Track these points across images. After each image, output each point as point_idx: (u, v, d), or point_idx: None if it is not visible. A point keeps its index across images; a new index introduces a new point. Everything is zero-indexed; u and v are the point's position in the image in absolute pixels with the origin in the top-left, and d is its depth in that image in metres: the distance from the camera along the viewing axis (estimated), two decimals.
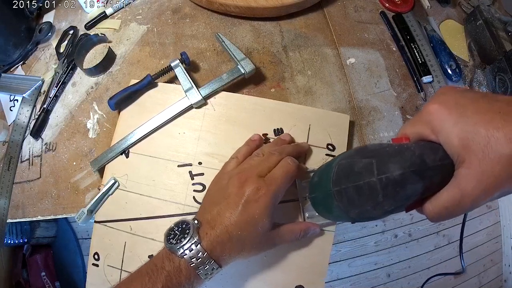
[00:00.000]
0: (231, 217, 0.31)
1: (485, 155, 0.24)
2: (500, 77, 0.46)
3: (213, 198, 0.35)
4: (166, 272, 0.30)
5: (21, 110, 0.50)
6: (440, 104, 0.27)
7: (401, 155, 0.27)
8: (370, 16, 0.54)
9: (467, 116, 0.25)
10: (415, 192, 0.27)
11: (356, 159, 0.29)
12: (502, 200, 1.41)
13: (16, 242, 1.06)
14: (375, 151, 0.29)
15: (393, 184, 0.27)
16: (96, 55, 0.52)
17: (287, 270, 0.38)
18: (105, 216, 0.42)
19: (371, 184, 0.27)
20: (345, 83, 0.48)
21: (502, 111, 0.24)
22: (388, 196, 0.27)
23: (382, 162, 0.27)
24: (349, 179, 0.29)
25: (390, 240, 1.30)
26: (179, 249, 0.30)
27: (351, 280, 1.26)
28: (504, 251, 1.37)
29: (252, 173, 0.33)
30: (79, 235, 1.22)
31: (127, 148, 0.42)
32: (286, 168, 0.34)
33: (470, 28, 0.53)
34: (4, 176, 0.47)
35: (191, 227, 0.31)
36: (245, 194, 0.32)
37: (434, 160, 0.27)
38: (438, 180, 0.27)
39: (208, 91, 0.43)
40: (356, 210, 0.29)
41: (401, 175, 0.26)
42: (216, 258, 0.31)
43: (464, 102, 0.26)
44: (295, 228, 0.36)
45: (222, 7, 0.50)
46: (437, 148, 0.27)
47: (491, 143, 0.23)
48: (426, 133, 0.28)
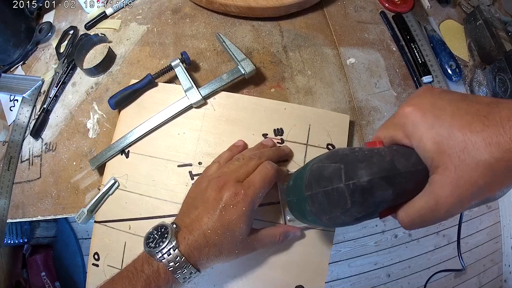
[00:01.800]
0: (208, 222, 0.31)
1: (461, 161, 0.22)
2: (500, 77, 0.46)
3: (192, 201, 0.35)
4: (145, 275, 0.30)
5: (21, 110, 0.50)
6: (414, 107, 0.26)
7: (369, 161, 0.26)
8: (370, 16, 0.54)
9: (443, 119, 0.24)
10: (385, 199, 0.26)
11: (326, 163, 0.28)
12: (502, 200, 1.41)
13: (16, 242, 1.06)
14: (344, 156, 0.28)
15: (361, 190, 0.26)
16: (96, 55, 0.52)
17: (287, 270, 0.38)
18: (105, 216, 0.42)
19: (339, 190, 0.26)
20: (345, 83, 0.48)
21: (482, 114, 0.23)
22: (356, 203, 0.26)
23: (350, 168, 0.26)
24: (319, 184, 0.28)
25: (390, 240, 1.30)
26: (157, 253, 0.30)
27: (351, 280, 1.26)
28: (504, 251, 1.37)
29: (231, 178, 0.33)
30: (79, 235, 1.22)
31: (126, 146, 0.42)
32: (264, 173, 0.34)
33: (470, 28, 0.53)
34: (4, 176, 0.47)
35: (170, 231, 0.31)
36: (223, 199, 0.31)
37: (406, 166, 0.26)
38: (411, 187, 0.26)
39: (208, 91, 0.43)
40: (327, 215, 0.28)
41: (369, 181, 0.25)
42: (194, 262, 0.31)
43: (441, 104, 0.25)
44: (274, 232, 0.36)
45: (222, 7, 0.50)
46: (410, 153, 0.26)
47: (468, 148, 0.22)
48: (399, 137, 0.27)
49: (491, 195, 0.23)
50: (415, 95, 0.27)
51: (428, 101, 0.26)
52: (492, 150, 0.21)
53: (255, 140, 0.42)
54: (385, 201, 0.26)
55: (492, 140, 0.21)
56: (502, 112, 0.22)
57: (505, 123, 0.21)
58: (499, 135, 0.21)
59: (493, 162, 0.21)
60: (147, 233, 0.32)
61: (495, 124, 0.22)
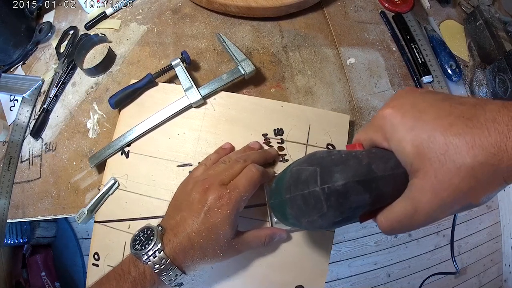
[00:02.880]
0: (193, 224, 0.31)
1: (442, 165, 0.21)
2: (500, 77, 0.46)
3: (178, 203, 0.34)
4: (132, 277, 0.30)
5: (21, 110, 0.50)
6: (393, 108, 0.25)
7: (345, 164, 0.26)
8: (370, 16, 0.54)
9: (423, 121, 0.23)
10: (362, 204, 0.25)
11: (304, 166, 0.28)
12: (502, 200, 1.41)
13: (16, 242, 1.06)
14: (320, 159, 0.27)
15: (336, 194, 0.25)
16: (96, 55, 0.52)
17: (287, 270, 0.38)
18: (105, 216, 0.42)
19: (315, 193, 0.26)
20: (345, 83, 0.48)
21: (466, 116, 0.21)
22: (332, 207, 0.26)
23: (325, 171, 0.26)
24: (297, 187, 0.28)
25: (390, 240, 1.30)
26: (143, 255, 0.30)
27: (351, 280, 1.26)
28: (504, 251, 1.37)
29: (216, 180, 0.33)
30: (79, 235, 1.22)
31: (125, 145, 0.42)
32: (249, 176, 0.34)
33: (470, 28, 0.53)
34: (4, 176, 0.47)
35: (155, 233, 0.31)
36: (207, 201, 0.31)
37: (384, 170, 0.25)
38: (389, 191, 0.25)
39: (207, 90, 0.43)
40: (306, 219, 0.28)
41: (343, 185, 0.25)
42: (179, 264, 0.31)
43: (422, 105, 0.24)
44: (260, 234, 0.36)
45: (222, 7, 0.50)
46: (388, 156, 0.25)
47: (450, 151, 0.21)
48: (378, 139, 0.26)
49: (475, 200, 0.22)
50: (395, 96, 0.27)
51: (409, 103, 0.25)
52: (475, 153, 0.20)
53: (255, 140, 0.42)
54: (362, 205, 0.25)
55: (475, 143, 0.20)
56: (487, 114, 0.21)
57: (490, 125, 0.20)
58: (483, 138, 0.20)
59: (476, 166, 0.20)
60: (133, 235, 0.32)
61: (479, 126, 0.20)
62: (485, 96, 0.49)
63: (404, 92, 0.26)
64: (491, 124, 0.20)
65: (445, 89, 0.48)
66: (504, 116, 0.20)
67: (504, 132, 0.20)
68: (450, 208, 0.22)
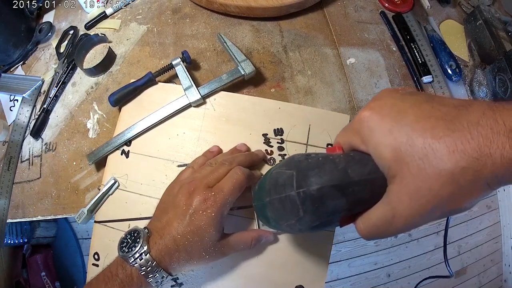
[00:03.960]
0: (178, 227, 0.31)
1: (421, 170, 0.20)
2: (500, 77, 0.46)
3: (164, 206, 0.35)
4: (119, 279, 0.30)
5: (21, 110, 0.50)
6: (372, 111, 0.24)
7: (321, 168, 0.25)
8: (370, 16, 0.54)
9: (402, 123, 0.22)
10: (339, 208, 0.25)
11: (282, 170, 0.28)
12: (502, 200, 1.41)
13: (16, 242, 1.06)
14: (297, 163, 0.27)
15: (311, 199, 0.25)
16: (96, 55, 0.52)
17: (287, 270, 0.38)
18: (105, 216, 0.42)
19: (291, 198, 0.25)
20: (345, 83, 0.48)
21: (448, 118, 0.20)
22: (308, 212, 0.25)
23: (301, 175, 0.25)
24: (276, 191, 0.27)
25: (390, 240, 1.30)
26: (130, 257, 0.30)
27: (351, 280, 1.26)
28: (504, 251, 1.37)
29: (201, 183, 0.33)
30: (79, 235, 1.22)
31: (123, 143, 0.42)
32: (234, 178, 0.33)
33: (470, 28, 0.53)
34: (4, 176, 0.47)
35: (141, 236, 0.31)
36: (193, 204, 0.31)
37: (360, 174, 0.24)
38: (366, 196, 0.24)
39: (207, 90, 0.43)
40: (285, 222, 0.28)
41: (318, 190, 0.24)
42: (165, 267, 0.31)
43: (402, 107, 0.23)
44: (246, 236, 0.36)
45: (222, 7, 0.50)
46: (366, 160, 0.25)
47: (429, 155, 0.20)
48: (356, 143, 0.25)
49: (457, 207, 0.21)
50: (375, 97, 0.26)
51: (389, 104, 0.24)
52: (456, 158, 0.19)
53: (255, 140, 0.42)
54: (339, 210, 0.25)
55: (456, 147, 0.19)
56: (471, 116, 0.20)
57: (473, 128, 0.19)
58: (465, 142, 0.19)
59: (457, 171, 0.19)
60: (121, 237, 0.33)
61: (461, 129, 0.19)
62: (485, 96, 0.49)
63: (384, 94, 0.25)
64: (474, 127, 0.19)
65: (445, 89, 0.48)
66: (489, 119, 0.19)
67: (488, 136, 0.19)
68: (430, 214, 0.21)
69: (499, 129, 0.18)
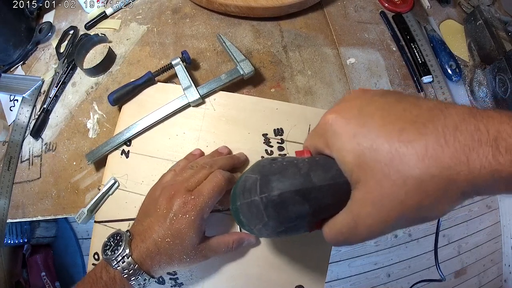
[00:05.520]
0: (159, 230, 0.31)
1: (385, 176, 0.19)
2: (500, 77, 0.46)
3: (146, 209, 0.35)
4: (103, 282, 0.30)
5: (21, 110, 0.50)
6: (338, 113, 0.23)
7: (283, 173, 0.25)
8: (370, 16, 0.54)
9: (368, 126, 0.20)
10: (302, 214, 0.24)
11: (249, 174, 0.27)
12: (502, 200, 1.41)
13: (16, 242, 1.06)
14: (262, 167, 0.27)
15: (273, 204, 0.24)
16: (96, 55, 0.52)
17: (287, 270, 0.38)
18: (105, 216, 0.42)
19: (256, 203, 0.25)
20: (345, 83, 0.48)
21: (420, 120, 0.19)
22: (271, 217, 0.25)
23: (264, 180, 0.25)
24: (244, 195, 0.27)
25: (390, 240, 1.30)
26: (113, 260, 0.30)
27: (351, 280, 1.26)
28: (504, 251, 1.37)
29: (182, 187, 0.33)
30: (79, 235, 1.22)
31: (122, 142, 0.42)
32: (214, 182, 0.33)
33: (470, 28, 0.53)
34: (4, 176, 0.47)
35: (124, 239, 0.31)
36: (173, 208, 0.32)
37: (323, 179, 0.23)
38: (330, 201, 0.24)
39: (206, 90, 0.43)
40: (253, 227, 0.27)
41: (279, 195, 0.24)
42: (147, 269, 0.31)
43: (370, 109, 0.21)
44: (227, 239, 0.36)
45: (222, 7, 0.50)
46: (330, 165, 0.24)
47: (395, 161, 0.18)
48: (321, 146, 0.24)
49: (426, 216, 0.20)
50: (343, 99, 0.24)
51: (355, 107, 0.22)
52: (426, 164, 0.18)
53: (255, 140, 0.42)
54: (303, 215, 0.24)
55: (427, 152, 0.18)
56: (448, 120, 0.18)
57: (448, 133, 0.18)
58: (438, 147, 0.17)
59: (426, 179, 0.18)
60: (104, 241, 0.33)
61: (434, 134, 0.18)
62: (485, 96, 0.49)
63: (353, 95, 0.24)
64: (450, 132, 0.18)
65: (445, 89, 0.48)
66: (470, 125, 0.17)
67: (467, 143, 0.17)
68: (396, 223, 0.20)
69: (481, 137, 0.17)
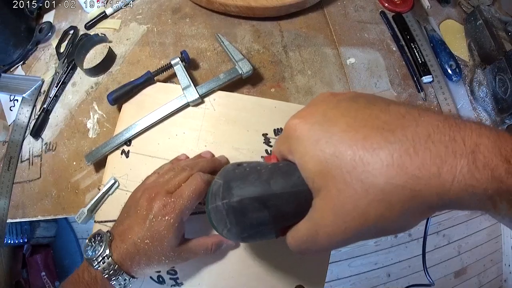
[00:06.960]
0: (139, 231, 0.31)
1: (347, 185, 0.18)
2: (500, 77, 0.46)
3: (127, 210, 0.35)
4: (85, 282, 0.31)
5: (21, 110, 0.50)
6: (301, 119, 0.22)
7: (244, 179, 0.24)
8: (370, 16, 0.54)
9: (332, 132, 0.19)
10: (263, 221, 0.24)
11: (216, 179, 0.28)
12: None
13: (16, 242, 1.06)
14: (226, 173, 0.27)
15: (233, 211, 0.24)
16: (96, 55, 0.52)
17: (287, 270, 0.38)
18: (105, 216, 0.42)
19: (219, 208, 0.25)
20: (345, 83, 0.48)
21: (388, 127, 0.18)
22: (233, 223, 0.25)
23: (226, 186, 0.25)
24: (211, 200, 0.27)
25: (390, 240, 1.30)
26: (94, 261, 0.31)
27: (351, 280, 1.26)
28: (504, 251, 1.37)
29: (162, 189, 0.33)
30: (79, 235, 1.22)
31: (122, 143, 0.42)
32: (194, 184, 0.33)
33: (470, 28, 0.53)
34: (4, 176, 0.47)
35: (104, 240, 0.32)
36: (153, 210, 0.32)
37: (284, 187, 0.23)
38: (291, 209, 0.23)
39: (205, 89, 0.43)
40: (221, 231, 0.27)
41: (239, 202, 0.24)
42: (127, 270, 0.31)
43: (335, 114, 0.20)
44: (206, 242, 0.36)
45: (222, 7, 0.50)
46: (292, 171, 0.23)
47: (358, 169, 0.17)
48: (285, 152, 0.24)
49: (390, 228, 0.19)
50: (310, 103, 0.24)
51: (320, 111, 0.21)
52: (391, 174, 0.17)
53: (255, 140, 0.42)
54: (264, 222, 0.24)
55: (393, 161, 0.17)
56: (420, 127, 0.17)
57: (419, 142, 0.17)
58: (405, 156, 0.16)
59: (390, 189, 0.17)
60: (87, 240, 0.33)
61: (403, 142, 0.17)
62: (485, 96, 0.49)
63: (319, 99, 0.23)
64: (422, 141, 0.17)
65: (445, 89, 0.48)
66: (444, 135, 0.16)
67: (439, 154, 0.16)
68: (358, 233, 0.19)
69: (456, 149, 0.16)
